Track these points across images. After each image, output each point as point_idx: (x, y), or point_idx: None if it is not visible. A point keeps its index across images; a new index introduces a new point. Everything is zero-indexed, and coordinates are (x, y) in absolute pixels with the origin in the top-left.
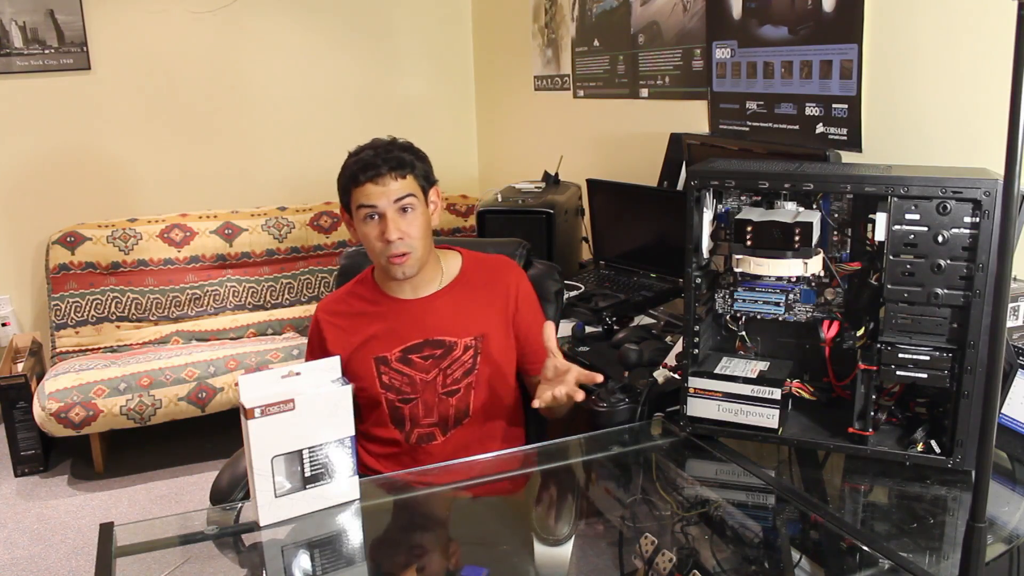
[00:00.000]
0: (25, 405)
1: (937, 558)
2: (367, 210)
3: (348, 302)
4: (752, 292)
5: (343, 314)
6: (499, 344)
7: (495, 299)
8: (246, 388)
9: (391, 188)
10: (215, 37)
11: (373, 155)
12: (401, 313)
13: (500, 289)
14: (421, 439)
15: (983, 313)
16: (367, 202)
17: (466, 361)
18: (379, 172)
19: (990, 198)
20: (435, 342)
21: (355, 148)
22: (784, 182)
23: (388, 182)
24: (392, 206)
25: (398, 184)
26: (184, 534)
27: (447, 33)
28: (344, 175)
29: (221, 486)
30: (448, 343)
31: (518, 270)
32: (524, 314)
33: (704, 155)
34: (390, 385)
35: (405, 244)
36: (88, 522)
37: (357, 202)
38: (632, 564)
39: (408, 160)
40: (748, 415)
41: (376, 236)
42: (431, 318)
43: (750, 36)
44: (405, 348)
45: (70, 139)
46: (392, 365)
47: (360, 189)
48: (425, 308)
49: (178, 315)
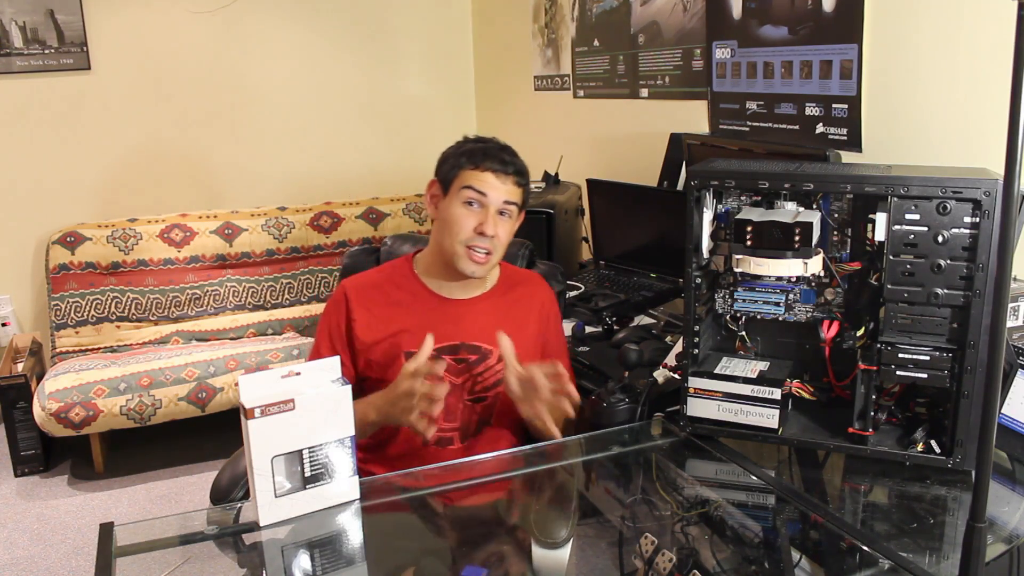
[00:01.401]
0: (25, 405)
1: (937, 558)
2: (475, 195)
3: (383, 288)
4: (752, 292)
5: (377, 300)
6: (528, 359)
7: (531, 316)
8: (246, 388)
9: (507, 187)
10: (215, 37)
11: (500, 149)
12: (440, 311)
13: (536, 307)
14: (438, 442)
15: (983, 313)
16: (480, 187)
17: (499, 370)
18: (505, 169)
19: (990, 198)
20: (471, 347)
21: (472, 136)
22: (784, 182)
23: (507, 181)
24: (499, 203)
25: (513, 188)
26: (184, 534)
27: (447, 33)
28: (461, 153)
29: (221, 485)
30: (484, 350)
31: (548, 288)
32: (552, 334)
33: (704, 155)
34: None
35: (492, 243)
36: (88, 522)
37: (466, 183)
38: (632, 564)
39: (527, 172)
40: (748, 415)
41: (471, 224)
42: (470, 322)
43: (750, 36)
44: (440, 348)
45: (70, 139)
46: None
47: (476, 172)
48: (466, 310)
49: (178, 315)
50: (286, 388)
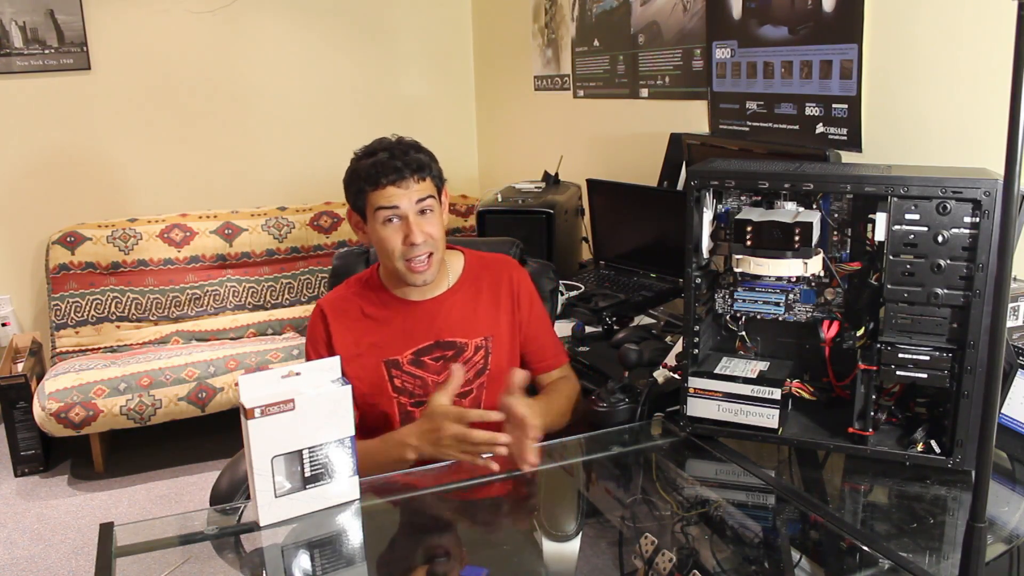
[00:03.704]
0: (25, 405)
1: (937, 558)
2: (388, 212)
3: (355, 303)
4: (752, 292)
5: (351, 315)
6: (507, 343)
7: (501, 299)
8: (246, 388)
9: (413, 190)
10: (215, 37)
11: (390, 157)
12: (410, 315)
13: (505, 289)
14: None
15: (983, 313)
16: (389, 204)
17: (477, 362)
18: (401, 175)
19: (990, 198)
20: (446, 343)
21: (362, 150)
22: (784, 182)
23: (410, 184)
24: (414, 208)
25: (419, 186)
26: (184, 534)
27: (447, 33)
28: (358, 177)
29: (221, 490)
30: (459, 344)
31: (520, 268)
32: (527, 312)
33: (704, 155)
34: (402, 388)
35: (428, 245)
36: (88, 522)
37: (376, 205)
38: (632, 564)
39: (426, 161)
40: (748, 415)
41: (398, 240)
42: (441, 319)
43: (750, 36)
44: (417, 351)
45: (70, 139)
46: (404, 368)
47: (379, 192)
48: (435, 309)
49: (178, 315)
50: (286, 388)
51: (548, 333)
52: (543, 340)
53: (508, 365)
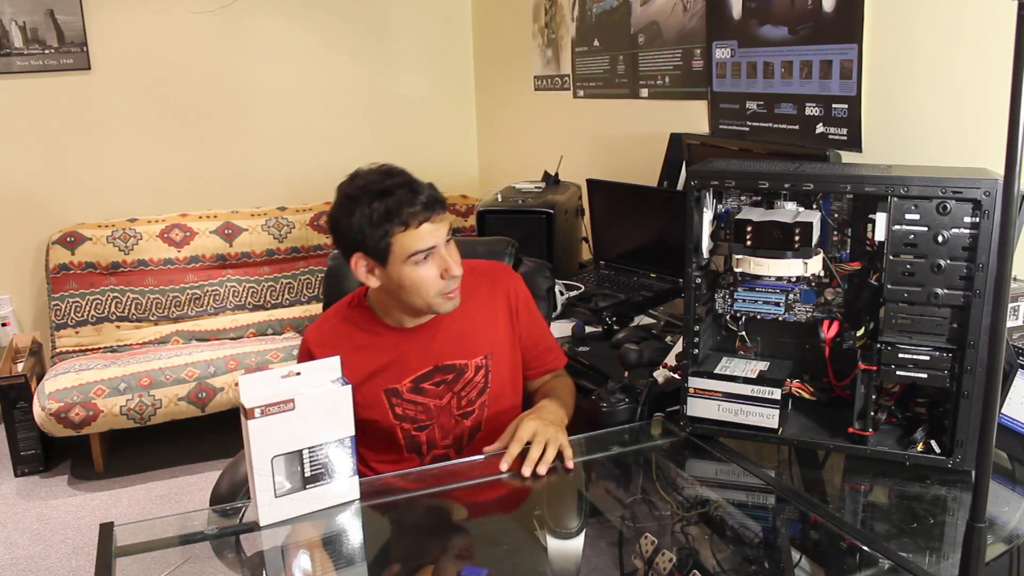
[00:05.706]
0: (25, 405)
1: (937, 558)
2: (424, 253)
3: (345, 333)
4: (752, 292)
5: (343, 349)
6: (507, 357)
7: (498, 311)
8: (246, 388)
9: (443, 225)
10: (215, 37)
11: (411, 194)
12: (405, 343)
13: (502, 301)
14: (436, 459)
15: (983, 313)
16: (426, 246)
17: (478, 382)
18: (434, 209)
19: (990, 198)
20: (445, 367)
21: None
22: (784, 182)
23: (438, 216)
24: (444, 242)
25: (444, 217)
26: (184, 534)
27: (447, 33)
28: (379, 216)
29: (220, 492)
30: (459, 366)
31: (513, 275)
32: (525, 320)
33: (704, 155)
34: (404, 416)
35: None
36: (88, 522)
37: (410, 249)
38: (632, 564)
39: (440, 193)
40: (748, 415)
41: (436, 276)
42: (438, 343)
43: (750, 36)
44: (416, 378)
45: (70, 139)
46: (404, 396)
47: (411, 232)
48: (431, 333)
49: (178, 315)
50: (286, 388)
51: (546, 337)
52: (542, 345)
53: (510, 379)
